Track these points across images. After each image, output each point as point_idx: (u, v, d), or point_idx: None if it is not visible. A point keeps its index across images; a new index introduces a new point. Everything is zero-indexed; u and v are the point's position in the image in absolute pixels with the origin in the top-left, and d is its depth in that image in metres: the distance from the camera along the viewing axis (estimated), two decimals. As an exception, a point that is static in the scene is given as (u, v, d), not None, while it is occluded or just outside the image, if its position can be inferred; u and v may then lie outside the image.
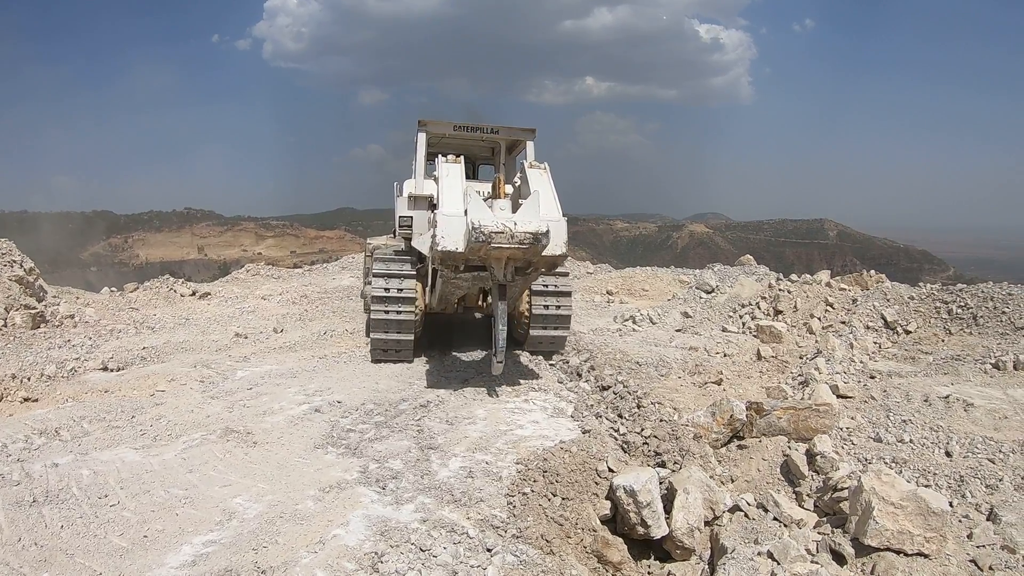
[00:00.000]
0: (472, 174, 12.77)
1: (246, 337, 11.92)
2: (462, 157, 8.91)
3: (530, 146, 11.60)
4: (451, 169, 8.54)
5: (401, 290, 9.80)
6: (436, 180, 8.66)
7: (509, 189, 8.92)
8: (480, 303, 10.54)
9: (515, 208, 7.86)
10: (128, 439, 6.69)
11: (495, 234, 6.93)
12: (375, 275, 9.93)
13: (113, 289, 15.95)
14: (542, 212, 7.51)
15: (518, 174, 9.10)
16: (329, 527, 5.03)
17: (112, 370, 9.51)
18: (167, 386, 8.69)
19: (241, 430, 6.94)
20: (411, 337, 10.04)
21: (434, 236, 7.49)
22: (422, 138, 11.25)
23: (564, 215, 8.14)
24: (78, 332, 11.70)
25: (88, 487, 5.55)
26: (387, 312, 9.74)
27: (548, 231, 7.19)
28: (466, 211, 7.30)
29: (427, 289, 10.35)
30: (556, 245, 7.63)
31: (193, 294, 15.94)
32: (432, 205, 9.59)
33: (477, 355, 10.71)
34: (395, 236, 11.97)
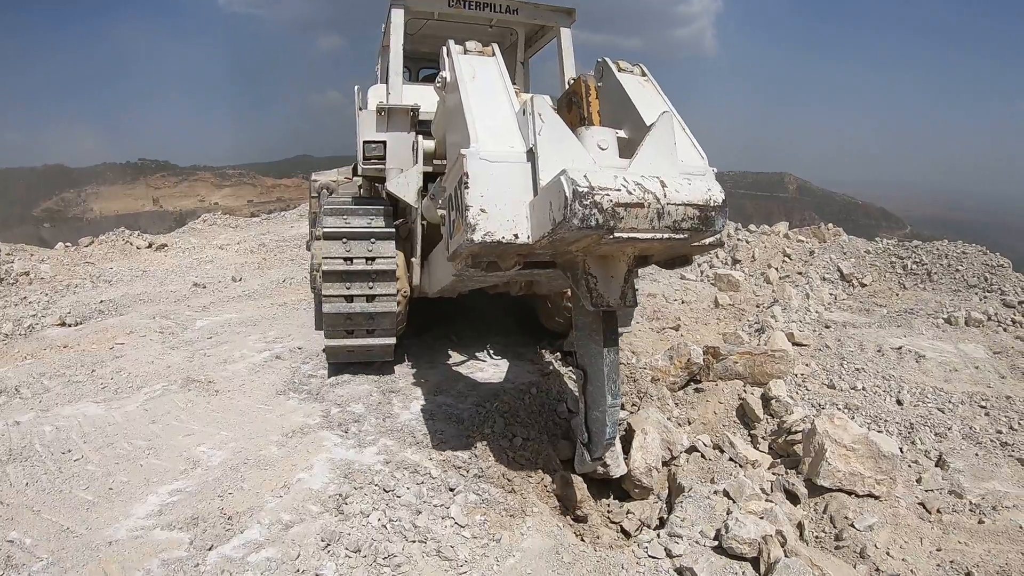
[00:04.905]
0: None
1: (204, 287, 11.75)
2: (494, 46, 5.11)
3: (566, 37, 7.60)
4: (482, 66, 4.84)
5: (372, 260, 6.53)
6: (444, 86, 5.04)
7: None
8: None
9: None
10: (89, 393, 6.62)
11: (625, 208, 3.49)
12: (327, 235, 6.56)
13: (68, 244, 15.58)
14: (683, 160, 4.47)
15: (587, 81, 4.62)
16: (293, 471, 5.07)
17: (70, 325, 9.32)
18: (126, 338, 8.55)
19: (202, 379, 6.90)
20: (391, 340, 6.88)
21: (460, 206, 4.05)
22: (398, 20, 7.11)
23: None
24: (34, 289, 11.42)
25: (51, 443, 5.50)
26: (350, 300, 6.54)
27: (725, 201, 3.83)
28: (533, 150, 4.06)
29: (414, 261, 6.80)
30: None
31: (149, 246, 15.62)
32: (417, 123, 6.69)
33: (490, 369, 7.63)
34: (357, 174, 8.29)
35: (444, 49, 5.05)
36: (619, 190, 3.48)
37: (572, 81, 4.79)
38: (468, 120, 4.32)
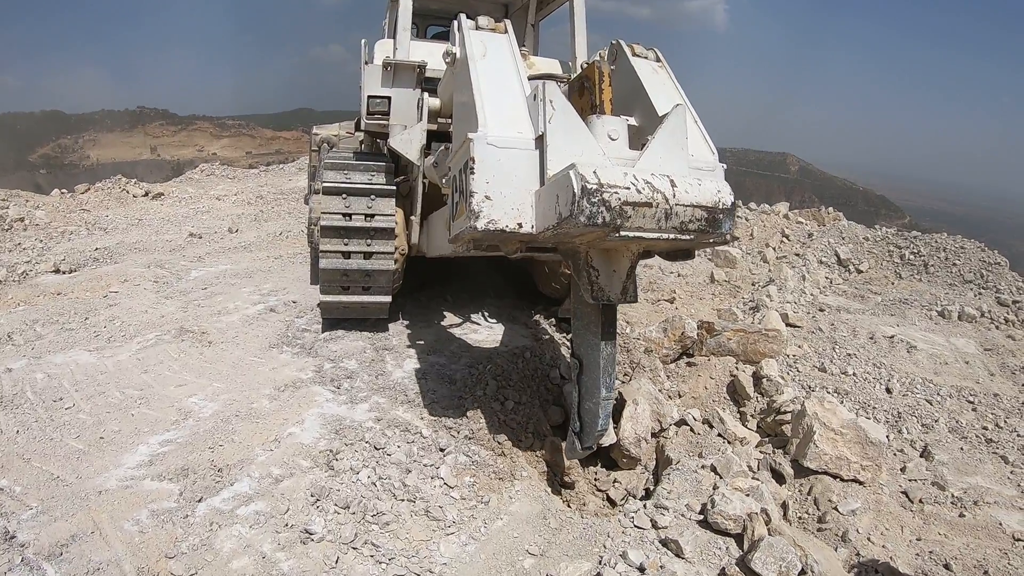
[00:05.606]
0: None
1: (200, 237, 11.68)
2: (507, 23, 4.94)
3: (578, 1, 7.17)
4: (493, 44, 4.66)
5: (371, 216, 6.43)
6: (454, 62, 4.86)
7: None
8: None
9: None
10: (82, 341, 6.59)
11: (633, 207, 3.44)
12: (326, 190, 6.44)
13: (64, 191, 15.45)
14: (693, 155, 4.33)
15: (601, 67, 4.51)
16: (284, 425, 5.09)
17: (64, 272, 9.25)
18: (120, 287, 8.51)
19: (196, 330, 6.89)
20: (387, 298, 6.81)
21: (465, 191, 3.97)
22: None
23: None
24: (29, 235, 11.32)
25: (43, 391, 5.49)
26: (348, 256, 6.45)
27: (734, 204, 3.82)
28: (542, 138, 3.89)
29: (413, 219, 6.66)
30: None
31: (146, 194, 15.49)
32: (423, 80, 6.45)
33: (484, 332, 7.58)
34: (359, 129, 7.91)
35: (455, 23, 4.88)
36: (628, 188, 3.42)
37: (586, 65, 4.65)
38: (477, 103, 4.14)
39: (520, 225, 3.86)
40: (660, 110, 4.46)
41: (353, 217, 6.40)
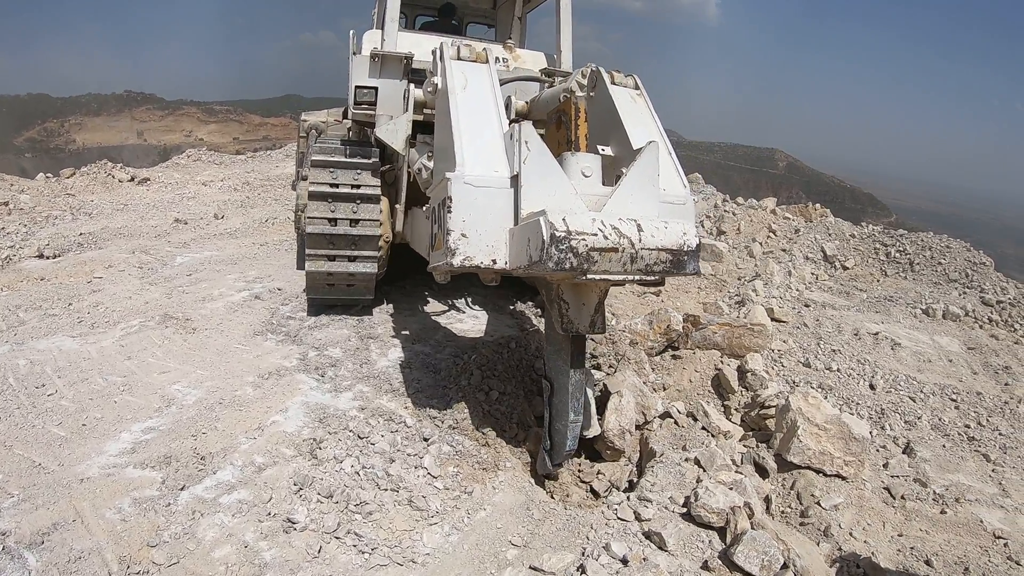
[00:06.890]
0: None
1: (186, 223, 11.60)
2: (488, 50, 5.04)
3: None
4: (474, 74, 4.77)
5: (356, 222, 6.51)
6: (435, 92, 5.01)
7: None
8: None
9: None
10: (65, 327, 6.53)
11: (600, 252, 3.57)
12: (312, 192, 6.45)
13: (48, 175, 15.29)
14: (665, 189, 4.44)
15: (578, 103, 4.68)
16: (268, 413, 5.08)
17: (48, 257, 9.15)
18: (104, 272, 8.43)
19: (180, 316, 6.85)
20: (369, 296, 7.11)
21: (442, 226, 4.06)
22: None
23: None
24: (12, 219, 11.19)
25: (25, 377, 5.44)
26: (332, 257, 6.59)
27: (699, 245, 3.87)
28: (517, 178, 3.99)
29: (398, 208, 6.82)
30: None
31: (132, 179, 15.35)
32: (410, 71, 6.56)
33: (469, 321, 7.66)
34: (347, 117, 7.82)
35: (436, 51, 5.09)
36: (596, 235, 3.56)
37: (564, 99, 4.80)
38: (455, 142, 4.23)
39: (494, 262, 4.00)
40: (635, 143, 4.56)
41: (338, 222, 6.51)
